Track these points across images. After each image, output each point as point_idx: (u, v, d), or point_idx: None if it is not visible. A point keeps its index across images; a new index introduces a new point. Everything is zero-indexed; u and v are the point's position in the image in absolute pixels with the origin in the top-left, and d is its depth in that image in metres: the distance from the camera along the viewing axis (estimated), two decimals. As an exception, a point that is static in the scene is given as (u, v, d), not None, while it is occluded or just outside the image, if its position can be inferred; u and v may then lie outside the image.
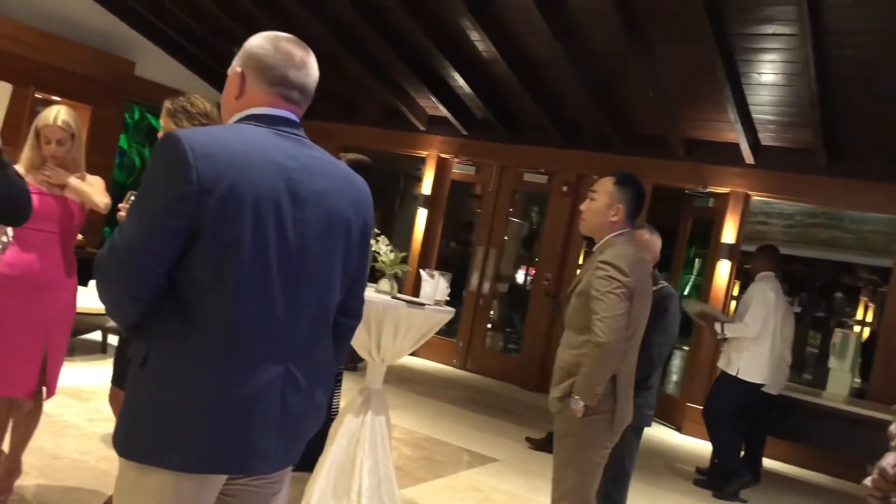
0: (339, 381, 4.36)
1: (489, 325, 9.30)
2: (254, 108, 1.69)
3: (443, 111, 8.63)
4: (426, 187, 9.28)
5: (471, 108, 8.68)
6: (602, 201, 3.02)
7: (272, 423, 1.61)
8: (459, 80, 7.97)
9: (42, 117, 3.25)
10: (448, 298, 3.70)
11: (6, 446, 3.36)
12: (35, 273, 3.17)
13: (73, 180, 3.24)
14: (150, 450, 1.56)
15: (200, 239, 1.53)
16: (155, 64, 9.12)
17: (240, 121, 1.69)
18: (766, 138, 7.18)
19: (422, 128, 9.22)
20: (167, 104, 2.96)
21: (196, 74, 9.60)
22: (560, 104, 7.99)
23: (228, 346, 1.56)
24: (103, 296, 1.64)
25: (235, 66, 1.73)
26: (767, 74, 6.31)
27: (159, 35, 9.08)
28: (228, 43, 8.80)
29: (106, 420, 4.61)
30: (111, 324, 6.36)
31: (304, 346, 1.66)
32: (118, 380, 3.09)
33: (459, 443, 5.69)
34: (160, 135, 2.99)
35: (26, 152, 3.23)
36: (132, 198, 2.63)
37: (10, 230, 3.15)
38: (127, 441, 1.59)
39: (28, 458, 3.44)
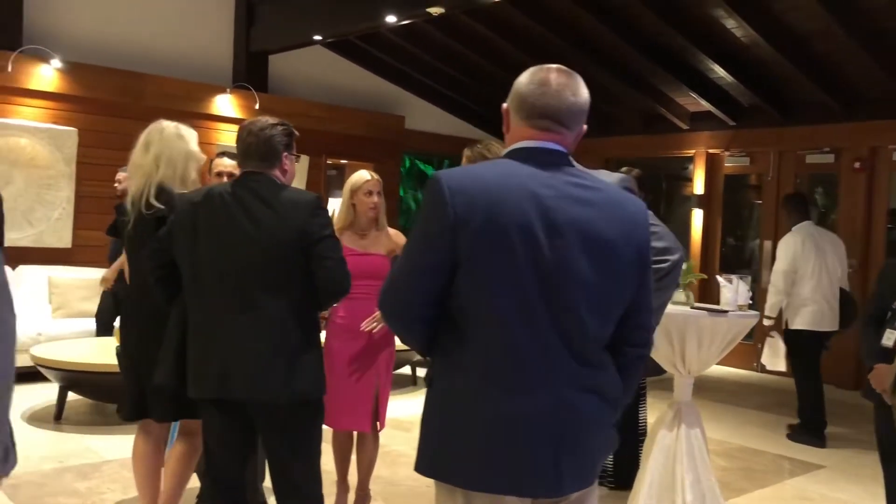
0: (643, 396, 4.34)
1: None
2: (515, 143, 1.75)
3: (706, 106, 8.30)
4: (698, 186, 8.95)
5: (736, 97, 8.25)
6: None
7: (547, 446, 1.63)
8: (720, 72, 7.63)
9: (356, 179, 3.65)
10: (751, 302, 3.55)
11: (353, 477, 3.79)
12: (363, 317, 3.53)
13: (394, 250, 3.61)
14: (438, 467, 1.69)
15: (462, 269, 1.62)
16: (422, 115, 9.85)
17: (506, 155, 1.75)
18: None
19: (685, 127, 8.93)
20: (466, 152, 3.20)
21: (460, 118, 10.20)
22: (837, 76, 7.32)
23: (498, 370, 1.63)
24: (391, 327, 1.83)
25: (505, 104, 1.79)
26: None
27: (423, 87, 9.77)
28: (488, 86, 9.27)
29: (429, 448, 5.01)
30: (418, 358, 6.92)
31: (576, 372, 1.66)
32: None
33: (776, 450, 5.36)
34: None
35: (341, 214, 3.66)
36: None
37: None
38: (420, 457, 1.73)
39: (371, 486, 3.83)
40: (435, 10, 6.34)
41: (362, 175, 3.64)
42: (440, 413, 1.71)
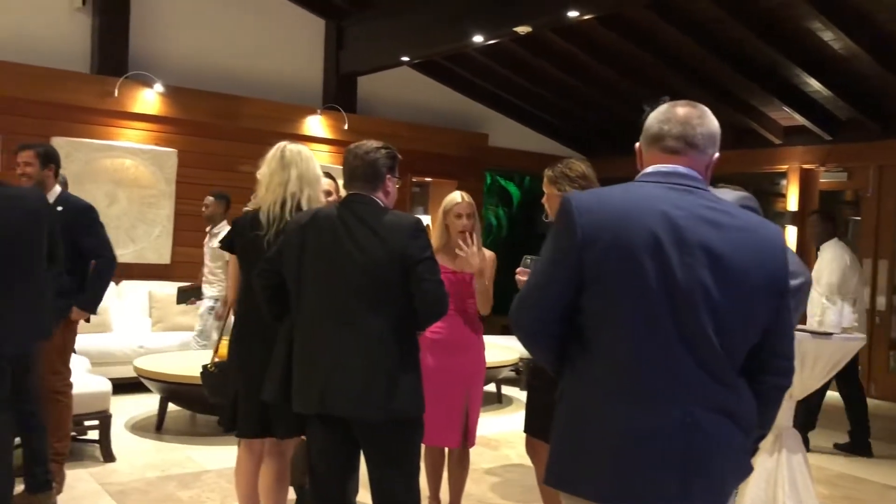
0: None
1: (893, 345, 8.27)
2: (645, 169, 1.80)
3: (800, 120, 8.06)
4: (791, 202, 8.67)
5: (832, 111, 7.98)
6: None
7: (674, 465, 1.64)
8: (815, 85, 7.40)
9: (448, 201, 3.74)
10: (856, 324, 3.42)
11: (445, 494, 3.82)
12: (454, 336, 3.60)
13: (484, 269, 3.63)
14: (567, 478, 1.73)
15: (590, 285, 1.68)
16: (504, 132, 9.89)
17: (636, 180, 1.79)
18: None
19: (777, 142, 8.69)
20: (548, 172, 3.21)
21: (542, 135, 10.20)
22: (945, 86, 7.00)
23: (626, 385, 1.66)
24: (519, 340, 1.88)
25: (637, 143, 1.86)
26: None
27: (506, 105, 9.82)
28: (571, 102, 9.24)
29: (516, 466, 4.99)
30: (504, 375, 6.91)
31: (704, 391, 1.65)
32: (530, 428, 3.35)
33: (882, 479, 5.12)
34: (544, 200, 3.26)
35: (436, 234, 3.72)
36: (528, 261, 2.90)
37: None
38: (549, 470, 1.77)
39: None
40: (522, 30, 6.38)
41: (454, 198, 3.73)
42: (569, 427, 1.76)
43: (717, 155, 1.80)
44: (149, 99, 7.32)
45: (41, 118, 6.69)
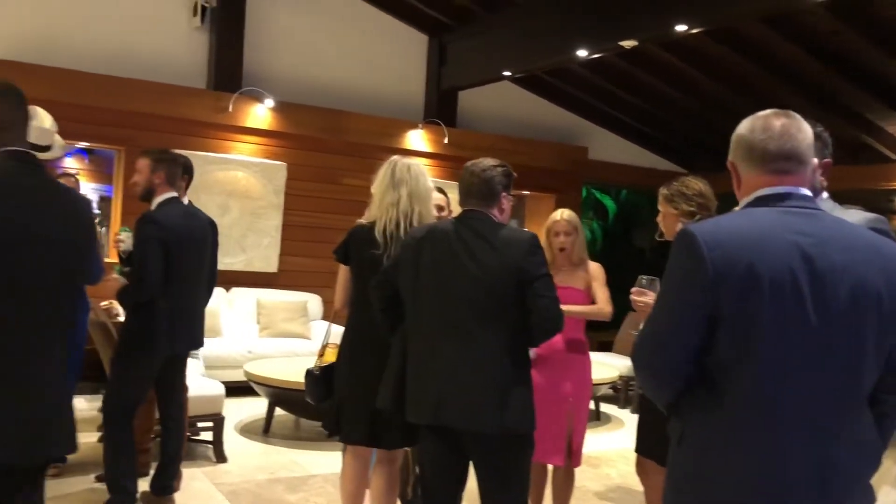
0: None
1: None
2: (756, 192, 1.72)
3: (920, 135, 7.68)
4: (910, 222, 8.25)
5: (956, 125, 7.58)
6: None
7: (810, 498, 1.59)
8: (939, 98, 7.04)
9: (549, 219, 3.83)
10: None
11: (547, 511, 3.81)
12: (559, 353, 3.61)
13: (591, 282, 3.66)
14: None
15: (722, 322, 1.60)
16: (602, 145, 9.81)
17: (748, 205, 1.73)
18: None
19: (894, 157, 8.30)
20: (663, 190, 3.17)
21: (643, 148, 10.06)
22: None
23: (758, 426, 1.59)
24: (639, 379, 1.83)
25: (729, 159, 1.79)
26: None
27: (606, 118, 9.74)
28: (676, 115, 9.09)
29: (618, 487, 4.93)
30: (601, 392, 6.83)
31: (839, 428, 1.61)
32: (642, 448, 3.30)
33: None
34: (659, 219, 3.22)
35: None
36: (643, 281, 2.87)
37: None
38: None
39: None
40: (628, 44, 6.32)
41: (553, 216, 3.82)
42: (692, 469, 1.69)
43: (815, 161, 1.74)
44: (260, 114, 7.62)
45: (161, 132, 7.05)
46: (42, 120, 3.15)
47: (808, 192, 1.71)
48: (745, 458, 1.61)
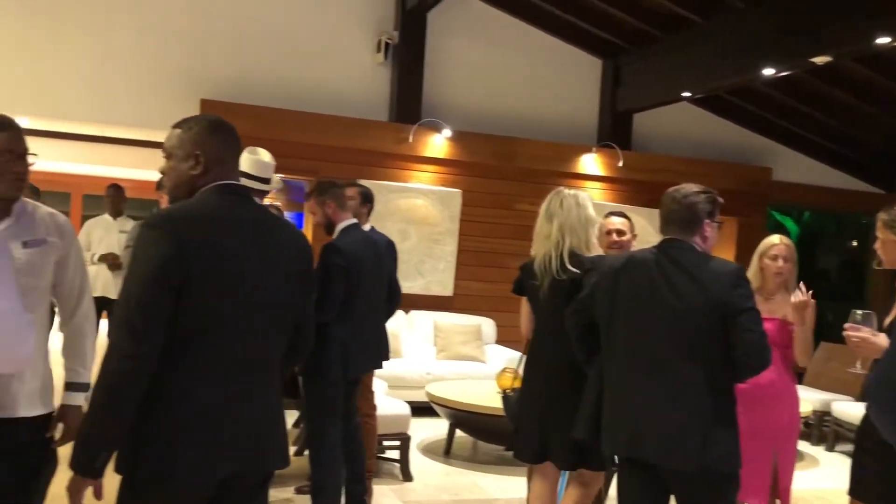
0: None
1: None
2: None
3: None
4: None
5: None
6: None
7: None
8: None
9: (764, 243, 3.74)
10: None
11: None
12: (763, 385, 3.43)
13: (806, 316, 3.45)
14: None
15: None
16: (787, 165, 9.29)
17: None
18: None
19: None
20: (883, 216, 2.97)
21: (834, 168, 9.44)
22: None
23: None
24: (885, 423, 1.73)
25: None
26: None
27: (793, 137, 9.23)
28: (865, 132, 8.47)
29: (818, 530, 4.61)
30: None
31: None
32: (857, 493, 3.08)
33: None
34: (877, 246, 3.00)
35: (751, 276, 3.59)
36: (858, 317, 2.68)
37: None
38: None
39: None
40: (821, 60, 5.99)
41: (771, 240, 3.69)
42: None
43: None
44: (437, 143, 7.88)
45: (347, 163, 7.46)
46: (262, 155, 3.49)
47: None
48: None
